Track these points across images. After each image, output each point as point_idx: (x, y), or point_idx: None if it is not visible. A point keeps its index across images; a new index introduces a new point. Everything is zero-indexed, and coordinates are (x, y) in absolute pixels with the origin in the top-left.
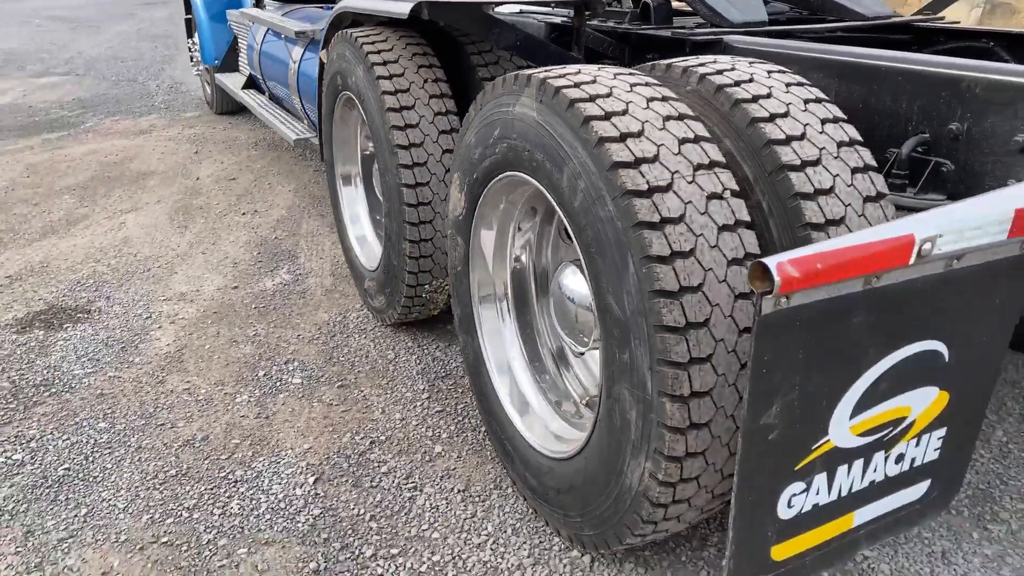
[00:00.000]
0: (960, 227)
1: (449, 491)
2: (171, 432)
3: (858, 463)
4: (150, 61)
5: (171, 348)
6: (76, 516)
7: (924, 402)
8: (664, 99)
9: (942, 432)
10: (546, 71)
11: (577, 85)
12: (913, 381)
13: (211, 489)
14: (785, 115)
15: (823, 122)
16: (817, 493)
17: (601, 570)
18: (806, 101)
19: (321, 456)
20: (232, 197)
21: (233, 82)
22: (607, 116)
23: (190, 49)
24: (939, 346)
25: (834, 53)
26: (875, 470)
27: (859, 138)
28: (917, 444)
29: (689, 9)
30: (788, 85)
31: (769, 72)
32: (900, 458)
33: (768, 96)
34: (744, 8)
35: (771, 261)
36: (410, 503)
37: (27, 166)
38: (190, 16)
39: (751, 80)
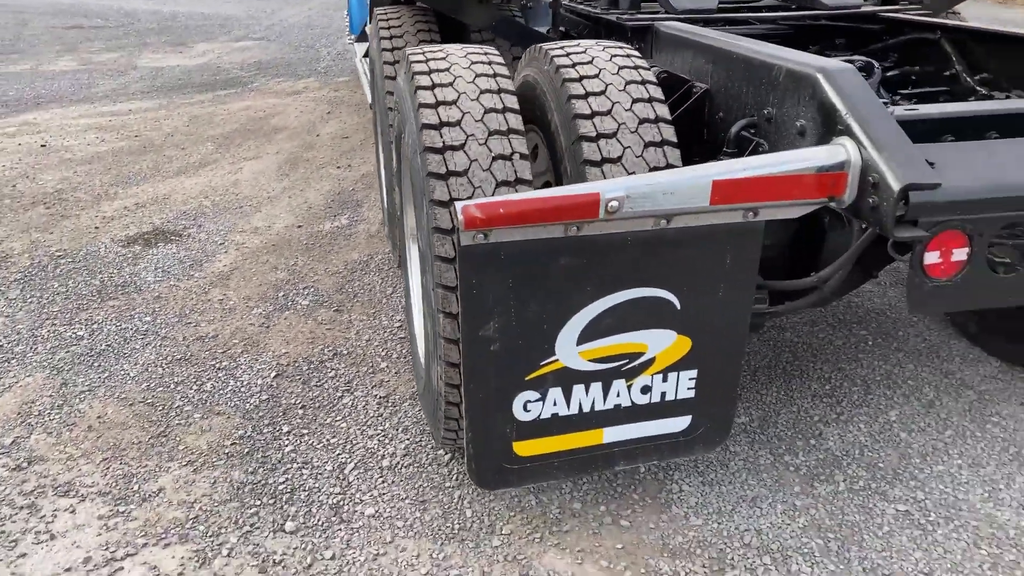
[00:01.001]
0: (648, 192)
1: (373, 396)
2: (193, 329)
3: (596, 385)
4: (335, 30)
5: (225, 268)
6: (99, 378)
7: (662, 343)
8: (494, 75)
9: (693, 373)
10: (413, 50)
11: (427, 61)
12: (642, 322)
13: (199, 372)
14: (600, 93)
15: (635, 101)
16: (555, 404)
17: (454, 465)
18: (628, 82)
19: (290, 359)
20: (337, 153)
21: (362, 51)
22: (432, 87)
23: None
24: (667, 295)
25: (712, 41)
26: (618, 395)
27: (667, 117)
28: (664, 380)
29: None
30: (621, 68)
31: (612, 56)
32: (646, 389)
33: (595, 76)
34: None
35: (460, 203)
36: (337, 400)
37: (191, 117)
38: None
39: (589, 63)
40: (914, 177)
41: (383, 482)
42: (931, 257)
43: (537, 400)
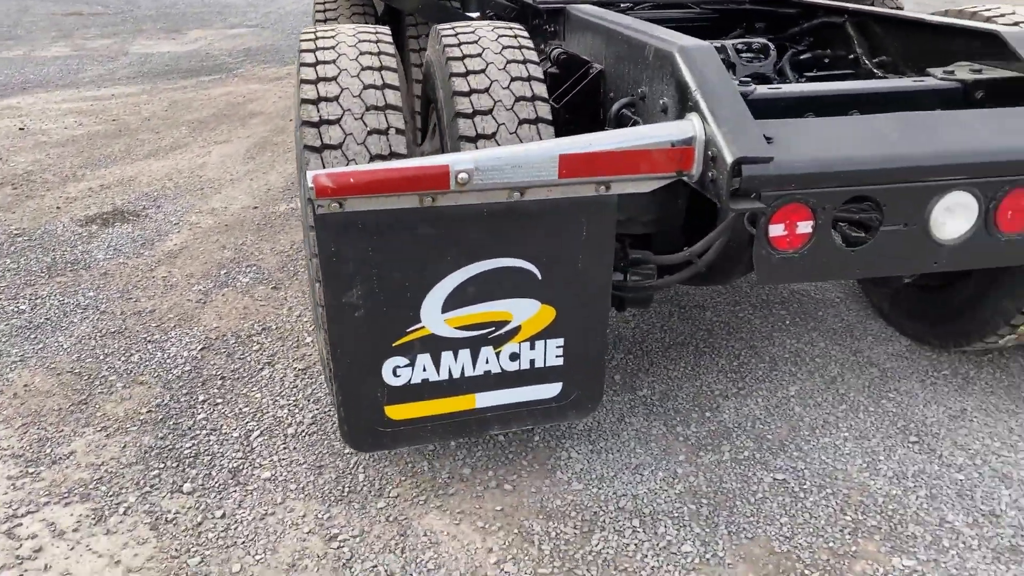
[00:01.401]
0: (497, 164)
1: (292, 369)
2: (132, 304)
3: (464, 352)
4: None
5: (175, 247)
6: (33, 349)
7: (526, 312)
8: (379, 54)
9: (559, 342)
10: (307, 31)
11: (315, 41)
12: (504, 291)
13: (129, 345)
14: (481, 72)
15: (513, 80)
16: (424, 370)
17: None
18: (509, 61)
19: (220, 333)
20: None
21: None
22: (315, 64)
23: None
24: (527, 265)
25: (606, 23)
26: (487, 362)
27: (543, 95)
28: (532, 348)
29: None
30: (504, 48)
31: (499, 36)
32: (515, 357)
33: (477, 56)
34: None
35: (311, 172)
36: (258, 372)
37: (171, 102)
38: None
39: (475, 42)
40: (747, 151)
41: (284, 448)
42: (776, 229)
43: (406, 366)
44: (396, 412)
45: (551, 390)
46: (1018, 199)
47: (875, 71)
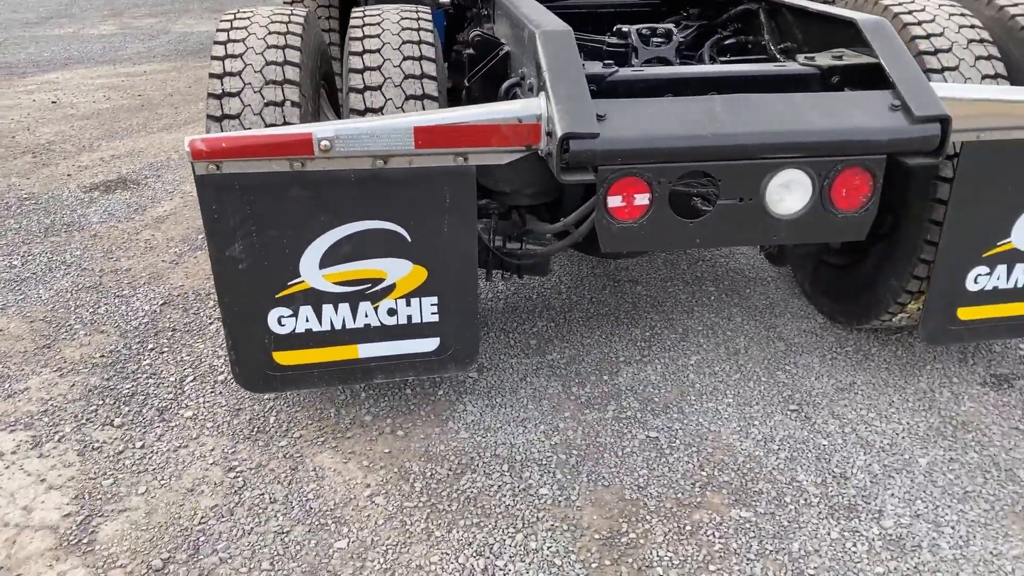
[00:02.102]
0: (356, 134)
1: None
2: (112, 263)
3: (344, 306)
4: None
5: (165, 213)
6: (15, 299)
7: (399, 271)
8: (286, 33)
9: (434, 300)
10: (226, 14)
11: (231, 21)
12: (377, 251)
13: (100, 298)
14: (376, 52)
15: (405, 59)
16: (308, 320)
17: None
18: (405, 42)
19: (183, 291)
20: None
21: None
22: (226, 42)
23: None
24: (396, 228)
25: (511, 6)
26: (367, 316)
27: (433, 74)
28: (408, 305)
29: None
30: (404, 29)
31: (401, 18)
32: (392, 312)
33: (376, 36)
34: None
35: (188, 137)
36: (207, 326)
37: (196, 79)
38: None
39: (378, 23)
40: (574, 127)
41: (211, 392)
42: (614, 201)
43: (290, 316)
44: (284, 358)
45: (430, 344)
46: (850, 178)
47: (777, 56)
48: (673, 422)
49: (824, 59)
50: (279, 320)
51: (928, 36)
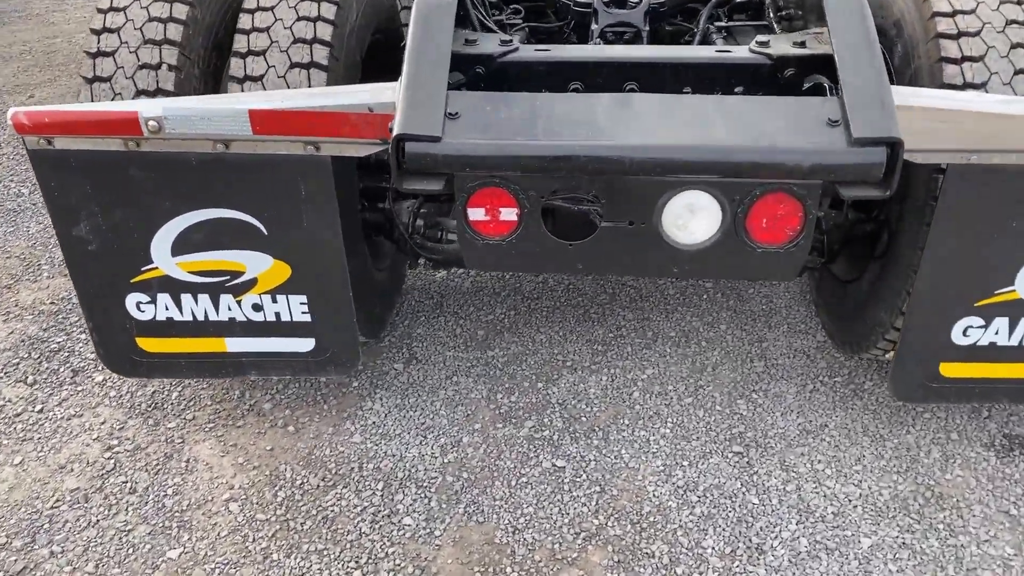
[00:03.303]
0: (186, 115)
1: None
2: None
3: (204, 297)
4: None
5: None
6: (2, 232)
7: (259, 265)
8: None
9: (303, 299)
10: None
11: None
12: (232, 242)
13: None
14: (269, 9)
15: (299, 19)
16: (167, 309)
17: None
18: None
19: None
20: None
21: None
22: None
23: None
24: (249, 219)
25: None
26: (230, 309)
27: (326, 39)
28: (274, 301)
29: None
30: None
31: None
32: (258, 308)
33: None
34: None
35: (12, 109)
36: None
37: None
38: None
39: None
40: (409, 127)
41: None
42: (476, 214)
43: (148, 302)
44: (148, 344)
45: (305, 344)
46: (772, 205)
47: (775, 26)
48: (590, 450)
49: (781, 45)
50: (137, 305)
51: (953, 13)
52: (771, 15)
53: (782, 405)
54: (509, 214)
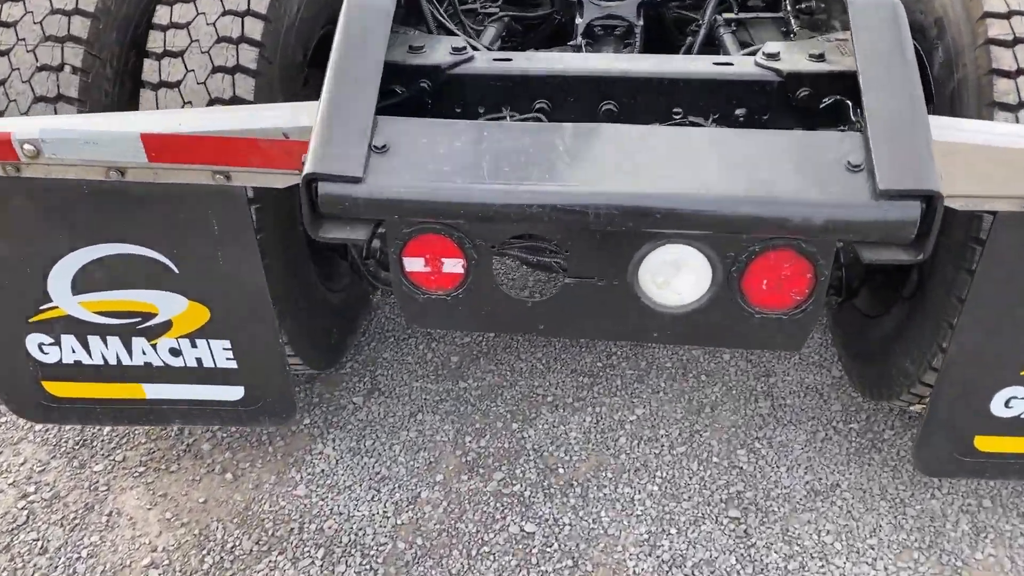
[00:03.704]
0: (68, 138)
1: None
2: None
3: (114, 340)
4: None
5: None
6: None
7: (173, 308)
8: None
9: (226, 344)
10: None
11: None
12: (140, 281)
13: None
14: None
15: (225, 13)
16: (74, 351)
17: None
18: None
19: None
20: None
21: None
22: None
23: None
24: (157, 255)
25: None
26: (145, 353)
27: (255, 38)
28: (194, 346)
29: None
30: None
31: None
32: (176, 352)
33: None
34: None
35: None
36: None
37: None
38: None
39: None
40: (320, 166)
41: None
42: (414, 264)
43: (52, 344)
44: (57, 389)
45: (233, 393)
46: (775, 264)
47: (791, 19)
48: (565, 511)
49: (794, 57)
50: (40, 347)
51: (1008, 14)
52: (789, 6)
53: (788, 458)
54: (454, 265)
